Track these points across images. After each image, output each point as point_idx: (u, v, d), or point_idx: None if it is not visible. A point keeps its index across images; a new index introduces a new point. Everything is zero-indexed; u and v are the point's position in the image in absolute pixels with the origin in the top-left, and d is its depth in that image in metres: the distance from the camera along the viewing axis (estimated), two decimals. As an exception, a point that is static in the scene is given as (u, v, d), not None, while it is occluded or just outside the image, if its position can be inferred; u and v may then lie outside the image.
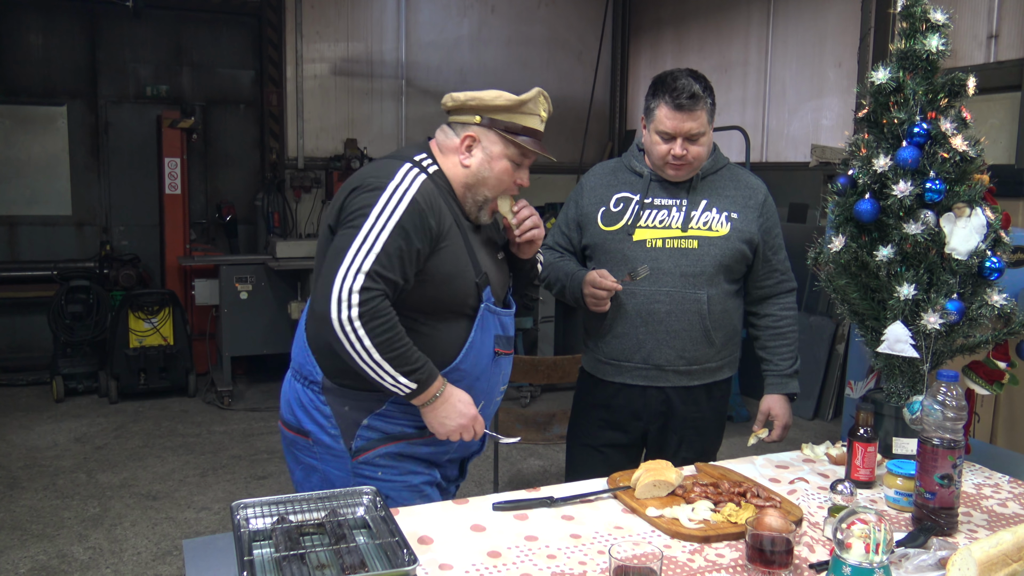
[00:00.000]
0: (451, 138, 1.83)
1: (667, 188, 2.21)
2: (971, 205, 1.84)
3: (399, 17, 7.19)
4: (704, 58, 6.90)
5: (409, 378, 1.67)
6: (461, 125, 1.82)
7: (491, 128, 1.79)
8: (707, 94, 2.09)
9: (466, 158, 1.81)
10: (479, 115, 1.80)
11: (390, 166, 1.75)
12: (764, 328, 2.32)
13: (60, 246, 6.52)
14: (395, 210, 1.67)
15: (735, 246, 2.17)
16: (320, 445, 1.82)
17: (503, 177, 1.81)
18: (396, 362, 1.65)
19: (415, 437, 1.82)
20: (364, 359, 1.64)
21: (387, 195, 1.68)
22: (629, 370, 2.21)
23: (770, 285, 2.30)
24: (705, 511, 1.59)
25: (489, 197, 1.83)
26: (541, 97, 1.81)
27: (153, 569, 3.29)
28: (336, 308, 1.62)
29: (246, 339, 5.76)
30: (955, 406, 1.55)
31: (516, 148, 1.80)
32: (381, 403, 1.78)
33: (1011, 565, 1.32)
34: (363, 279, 1.62)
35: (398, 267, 1.67)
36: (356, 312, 1.62)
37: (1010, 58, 4.52)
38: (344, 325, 1.62)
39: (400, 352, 1.66)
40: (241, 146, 7.09)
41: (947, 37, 1.89)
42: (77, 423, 5.10)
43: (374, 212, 1.67)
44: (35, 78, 6.43)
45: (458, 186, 1.82)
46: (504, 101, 1.78)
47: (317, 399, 1.81)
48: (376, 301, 1.63)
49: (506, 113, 1.79)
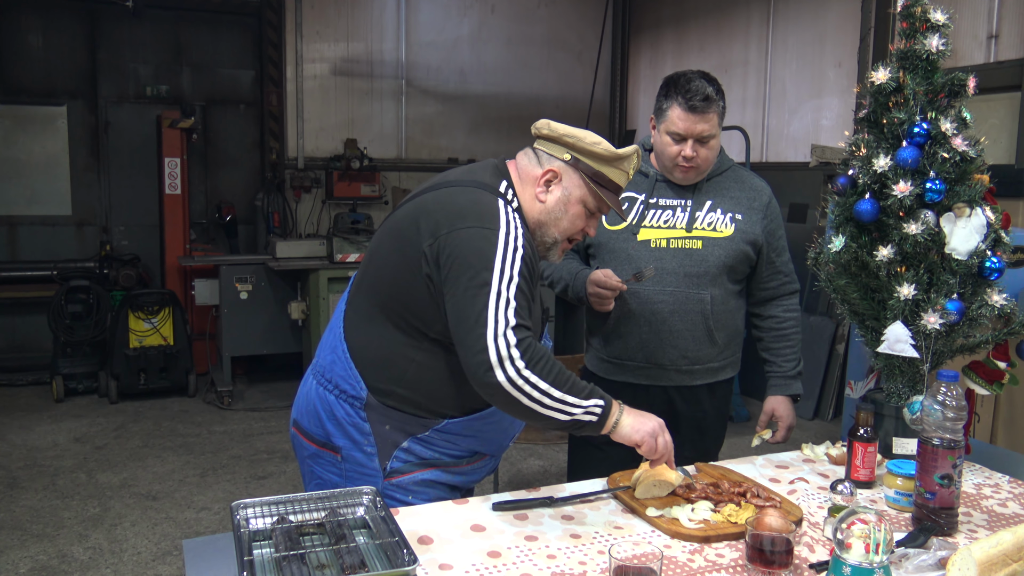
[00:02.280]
0: (534, 167, 1.74)
1: (673, 189, 2.21)
2: (971, 205, 1.84)
3: (399, 17, 7.19)
4: (704, 58, 6.90)
5: (593, 399, 1.60)
6: (547, 156, 1.73)
7: (576, 169, 1.71)
8: (719, 97, 2.09)
9: (543, 192, 1.73)
10: (571, 154, 1.72)
11: (489, 204, 1.65)
12: (768, 329, 2.32)
13: (60, 246, 6.52)
14: (514, 260, 1.59)
15: (739, 247, 2.17)
16: (350, 462, 1.75)
17: (575, 221, 1.74)
18: (574, 391, 1.58)
19: (452, 466, 1.77)
20: (547, 402, 1.56)
21: (502, 243, 1.59)
22: (631, 369, 2.22)
23: (774, 287, 2.30)
24: (705, 511, 1.59)
25: (558, 239, 1.75)
26: (636, 156, 1.74)
27: (153, 569, 3.29)
28: (501, 368, 1.52)
29: (246, 339, 5.76)
30: (955, 406, 1.54)
31: (596, 199, 1.72)
32: (425, 428, 1.72)
33: (1011, 565, 1.32)
34: (514, 333, 1.55)
35: (527, 311, 1.61)
36: (523, 363, 1.54)
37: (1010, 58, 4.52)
38: (515, 380, 1.53)
39: (572, 381, 1.58)
40: (241, 146, 7.09)
41: (947, 37, 1.89)
42: (77, 423, 5.10)
43: (497, 263, 1.57)
44: (35, 78, 6.43)
45: (531, 220, 1.75)
46: (602, 151, 1.69)
47: (357, 415, 1.73)
48: (533, 344, 1.57)
49: (599, 162, 1.70)
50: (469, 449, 1.78)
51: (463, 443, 1.76)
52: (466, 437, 1.75)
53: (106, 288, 5.89)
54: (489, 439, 1.80)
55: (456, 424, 1.73)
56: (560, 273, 2.27)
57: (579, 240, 1.81)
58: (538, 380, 1.54)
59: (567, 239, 1.77)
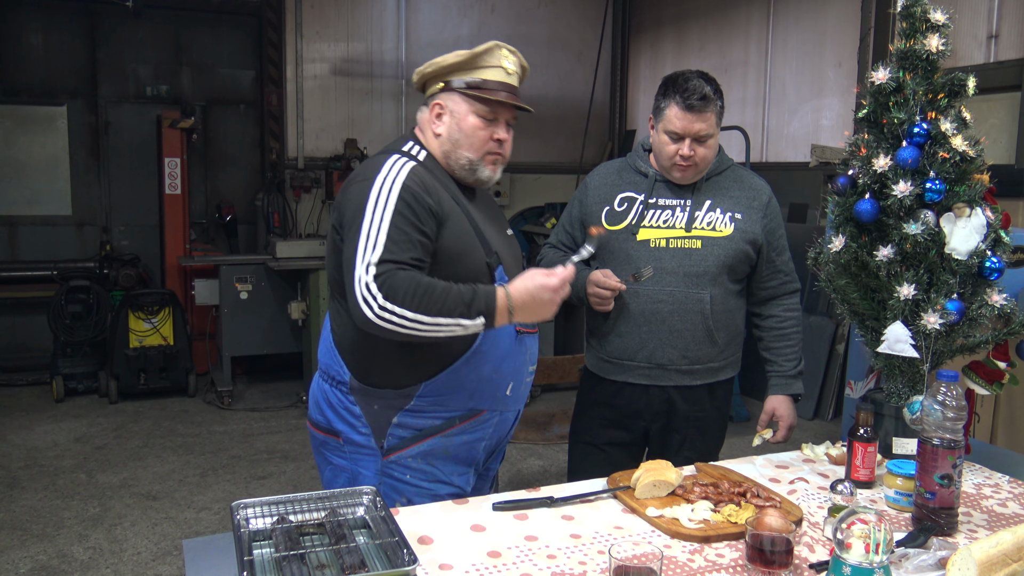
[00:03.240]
0: (425, 113, 1.87)
1: (672, 188, 2.21)
2: (971, 205, 1.84)
3: (399, 17, 7.19)
4: (704, 58, 6.90)
5: (472, 317, 1.64)
6: (431, 97, 1.85)
7: (452, 90, 1.80)
8: (717, 96, 2.10)
9: (438, 126, 1.83)
10: (442, 81, 1.81)
11: (378, 160, 1.78)
12: (768, 329, 2.32)
13: (60, 246, 6.52)
14: (388, 200, 1.68)
15: (739, 246, 2.17)
16: (351, 444, 1.84)
17: (475, 134, 1.80)
18: (449, 311, 1.62)
19: (447, 428, 1.81)
20: (422, 330, 1.62)
21: (377, 188, 1.70)
22: (631, 369, 2.22)
23: (774, 286, 2.30)
24: (705, 511, 1.59)
25: (473, 158, 1.82)
26: (498, 48, 1.81)
27: (153, 569, 3.29)
28: (367, 308, 1.61)
29: (246, 339, 5.76)
30: (955, 406, 1.54)
31: (480, 103, 1.79)
32: (408, 399, 1.78)
33: (1011, 565, 1.32)
34: (374, 269, 1.63)
35: (407, 247, 1.66)
36: (381, 298, 1.61)
37: (1010, 58, 4.52)
38: (381, 315, 1.61)
39: (443, 301, 1.62)
40: (241, 146, 7.09)
41: (947, 37, 1.89)
42: (77, 423, 5.09)
43: (368, 208, 1.68)
44: (35, 78, 6.43)
45: (441, 158, 1.84)
46: (457, 59, 1.78)
47: (346, 399, 1.82)
48: (390, 276, 1.62)
49: (464, 71, 1.79)
50: (462, 407, 1.82)
51: (451, 401, 1.80)
52: (451, 394, 1.80)
53: (106, 288, 5.89)
54: (477, 391, 1.82)
55: (434, 384, 1.78)
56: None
57: (500, 152, 1.84)
58: (402, 311, 1.60)
59: (487, 153, 1.83)
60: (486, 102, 1.79)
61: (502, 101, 1.79)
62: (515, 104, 1.82)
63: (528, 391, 1.97)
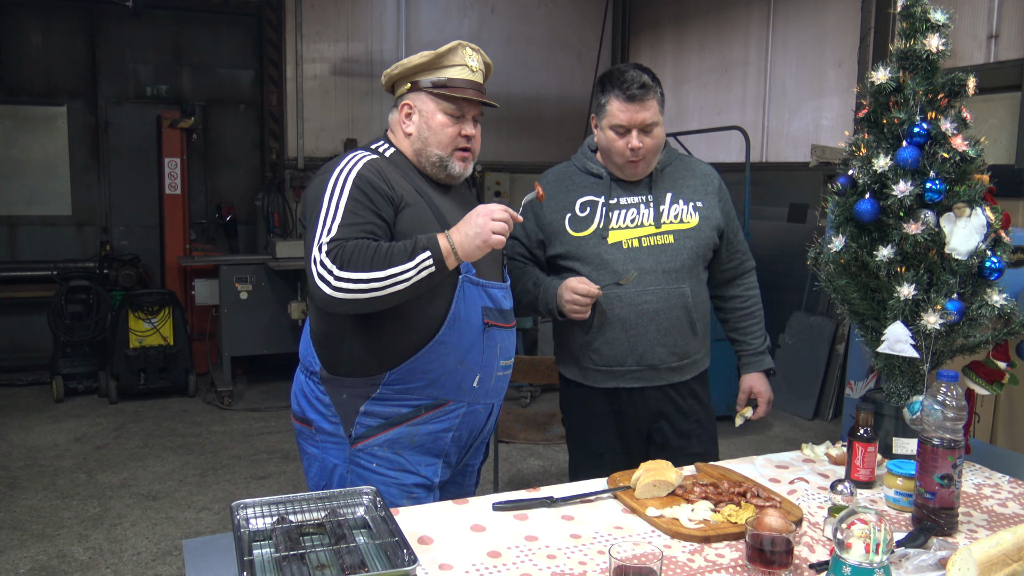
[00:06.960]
0: (395, 114, 1.92)
1: (627, 186, 2.19)
2: (971, 205, 1.84)
3: (399, 17, 7.19)
4: (704, 58, 6.90)
5: (419, 262, 1.67)
6: (399, 98, 1.91)
7: (419, 90, 1.86)
8: (656, 84, 2.11)
9: (408, 126, 1.89)
10: (409, 82, 1.87)
11: (339, 158, 1.83)
12: (732, 311, 2.34)
13: (60, 246, 6.52)
14: (343, 188, 1.74)
15: (707, 235, 2.19)
16: (322, 433, 1.88)
17: (444, 131, 1.86)
18: (395, 260, 1.66)
19: (413, 417, 1.84)
20: (379, 287, 1.66)
21: (333, 179, 1.76)
22: (622, 374, 2.18)
23: (733, 267, 2.32)
24: (705, 511, 1.59)
25: (443, 155, 1.87)
26: (462, 47, 1.86)
27: (153, 569, 3.29)
28: (324, 285, 1.66)
29: (246, 339, 5.76)
30: (955, 406, 1.54)
31: (447, 101, 1.84)
32: (375, 387, 1.82)
33: (1011, 565, 1.32)
34: (327, 247, 1.67)
35: (360, 228, 1.71)
36: (336, 269, 1.65)
37: (1010, 58, 4.52)
38: (338, 286, 1.65)
39: (390, 255, 1.66)
40: (241, 146, 7.09)
41: (947, 37, 1.89)
42: (77, 423, 5.10)
43: (325, 197, 1.74)
44: (35, 78, 6.43)
45: (412, 156, 1.89)
46: (422, 60, 1.84)
47: (317, 389, 1.88)
48: (340, 248, 1.66)
49: (430, 71, 1.85)
50: (427, 396, 1.84)
51: (416, 390, 1.83)
52: (416, 383, 1.82)
53: (106, 288, 5.89)
54: (441, 380, 1.84)
55: (399, 372, 1.81)
56: (525, 284, 2.19)
57: (468, 148, 1.89)
58: (356, 275, 1.65)
59: (456, 149, 1.88)
60: (453, 100, 1.85)
61: (468, 98, 1.85)
62: (481, 100, 1.88)
63: (504, 386, 1.97)
